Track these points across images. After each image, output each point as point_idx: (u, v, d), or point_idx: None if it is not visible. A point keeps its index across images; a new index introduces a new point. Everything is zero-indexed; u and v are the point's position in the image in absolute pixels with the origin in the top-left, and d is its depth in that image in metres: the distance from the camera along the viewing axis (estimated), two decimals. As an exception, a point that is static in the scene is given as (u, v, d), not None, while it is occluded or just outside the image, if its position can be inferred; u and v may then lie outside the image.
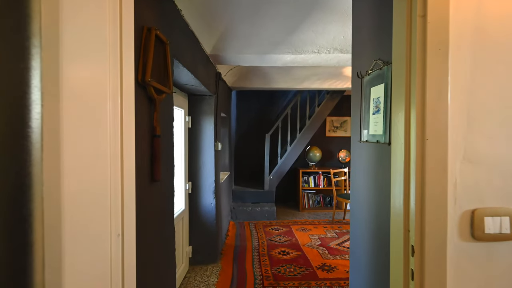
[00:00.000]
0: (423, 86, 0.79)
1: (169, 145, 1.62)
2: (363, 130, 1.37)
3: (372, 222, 1.29)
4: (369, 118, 1.30)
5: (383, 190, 1.17)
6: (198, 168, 3.06)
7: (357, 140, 1.45)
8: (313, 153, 5.68)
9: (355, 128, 1.49)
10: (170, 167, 1.65)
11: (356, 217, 1.53)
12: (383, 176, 1.16)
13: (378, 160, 1.21)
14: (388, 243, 1.15)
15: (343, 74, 4.30)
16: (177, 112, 2.77)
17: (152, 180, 1.32)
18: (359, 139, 1.41)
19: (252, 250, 3.54)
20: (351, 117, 1.57)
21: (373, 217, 1.27)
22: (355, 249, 1.55)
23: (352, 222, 1.60)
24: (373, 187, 1.28)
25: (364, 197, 1.39)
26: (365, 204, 1.38)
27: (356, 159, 1.49)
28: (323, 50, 2.63)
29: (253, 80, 4.49)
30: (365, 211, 1.38)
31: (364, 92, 1.36)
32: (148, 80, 1.17)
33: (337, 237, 4.00)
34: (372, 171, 1.28)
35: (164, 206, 1.55)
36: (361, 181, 1.42)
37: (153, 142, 1.32)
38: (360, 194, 1.44)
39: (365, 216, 1.38)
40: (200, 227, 3.09)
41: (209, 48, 2.61)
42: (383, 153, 1.16)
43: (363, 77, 1.38)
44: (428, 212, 0.79)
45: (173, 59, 1.70)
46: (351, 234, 1.65)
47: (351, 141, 1.56)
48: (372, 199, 1.29)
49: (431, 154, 0.79)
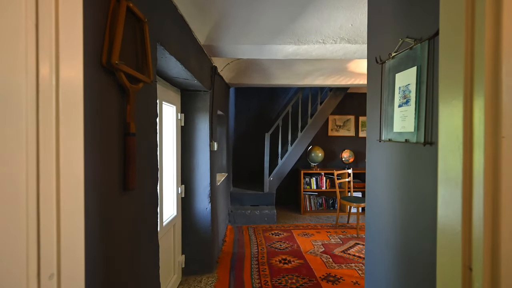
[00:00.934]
0: (496, 62, 0.54)
1: (151, 145, 1.37)
2: (384, 127, 1.12)
3: (398, 240, 1.04)
4: (393, 112, 1.04)
5: (414, 202, 0.92)
6: (191, 170, 2.80)
7: (375, 139, 1.20)
8: (315, 153, 5.43)
9: (373, 125, 1.24)
10: (153, 171, 1.40)
11: (373, 231, 1.28)
12: (416, 184, 0.91)
13: (407, 164, 0.96)
14: (423, 270, 0.90)
15: (347, 70, 4.05)
16: (168, 108, 2.52)
17: (124, 189, 1.07)
18: (379, 138, 1.16)
19: (250, 258, 3.29)
20: (367, 112, 1.32)
21: (399, 235, 1.02)
22: (372, 270, 1.30)
23: (368, 236, 1.35)
24: (398, 197, 1.03)
25: (385, 208, 1.14)
26: (386, 216, 1.13)
27: (374, 162, 1.23)
28: (328, 40, 2.38)
29: (252, 76, 4.23)
30: (387, 225, 1.12)
31: (386, 80, 1.11)
32: (115, 63, 0.92)
33: (342, 243, 3.75)
34: (398, 178, 1.03)
35: (145, 218, 1.30)
36: (381, 188, 1.17)
37: (126, 142, 1.06)
38: (379, 204, 1.19)
39: (387, 231, 1.13)
40: (194, 234, 2.84)
41: (203, 37, 2.36)
42: (416, 155, 0.91)
43: (384, 62, 1.13)
44: (507, 240, 0.54)
45: (157, 44, 1.44)
46: (366, 250, 1.40)
47: (367, 141, 1.31)
48: (397, 212, 1.04)
49: (510, 157, 0.53)
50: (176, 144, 2.63)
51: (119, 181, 1.04)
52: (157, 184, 1.45)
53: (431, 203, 0.82)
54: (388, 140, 1.08)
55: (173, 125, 2.59)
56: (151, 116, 1.38)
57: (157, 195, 1.45)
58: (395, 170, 1.05)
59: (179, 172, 2.70)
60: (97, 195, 0.89)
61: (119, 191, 1.05)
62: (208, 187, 2.85)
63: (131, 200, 1.14)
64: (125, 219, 1.10)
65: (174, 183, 2.59)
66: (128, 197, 1.11)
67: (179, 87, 2.63)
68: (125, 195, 1.09)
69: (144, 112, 1.27)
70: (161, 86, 2.22)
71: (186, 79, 2.27)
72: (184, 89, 2.69)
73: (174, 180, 2.60)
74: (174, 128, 2.59)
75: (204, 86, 2.62)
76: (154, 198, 1.42)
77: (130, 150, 1.07)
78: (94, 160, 0.87)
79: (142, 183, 1.26)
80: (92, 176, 0.85)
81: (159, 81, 2.18)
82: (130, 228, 1.16)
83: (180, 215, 2.75)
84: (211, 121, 2.87)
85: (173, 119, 2.59)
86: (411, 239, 0.93)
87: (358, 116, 5.90)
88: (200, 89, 2.71)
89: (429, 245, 0.86)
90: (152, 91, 1.36)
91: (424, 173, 0.86)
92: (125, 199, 1.10)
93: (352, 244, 3.71)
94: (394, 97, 1.04)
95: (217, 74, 3.18)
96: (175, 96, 2.59)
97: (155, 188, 1.43)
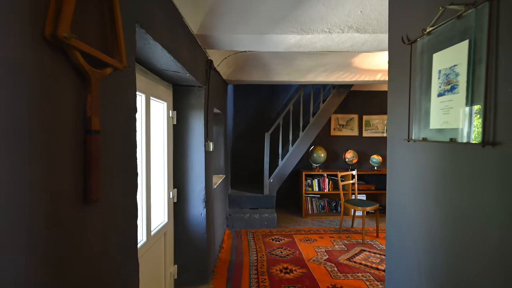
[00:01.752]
0: None
1: (128, 146, 1.14)
2: (416, 124, 0.88)
3: (439, 270, 0.80)
4: (430, 104, 0.81)
5: (467, 224, 0.69)
6: (185, 173, 2.57)
7: (401, 138, 0.97)
8: (317, 154, 5.20)
9: (397, 121, 1.01)
10: (131, 177, 1.17)
11: (396, 249, 1.04)
12: (468, 200, 0.68)
13: (453, 171, 0.73)
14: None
15: (352, 65, 3.82)
16: (157, 105, 2.29)
17: (85, 201, 0.84)
18: (407, 137, 0.93)
19: (249, 267, 3.05)
20: (388, 106, 1.08)
21: (442, 265, 0.79)
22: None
23: (389, 255, 1.12)
24: (438, 214, 0.80)
25: (415, 225, 0.91)
26: (417, 235, 0.90)
27: (399, 166, 1.00)
28: (335, 29, 2.15)
29: (251, 72, 4.00)
30: (417, 245, 0.89)
31: (417, 63, 0.88)
32: (63, 36, 0.69)
33: (347, 250, 3.52)
34: (436, 188, 0.80)
35: (119, 234, 1.06)
36: (409, 199, 0.94)
37: (87, 142, 0.83)
38: (406, 218, 0.96)
39: (418, 254, 0.89)
40: (187, 242, 2.61)
41: (195, 26, 2.13)
42: (468, 159, 0.68)
43: (413, 41, 0.90)
44: None
45: (135, 25, 1.21)
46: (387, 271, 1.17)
47: (388, 141, 1.08)
48: (437, 233, 0.81)
49: None
50: (167, 144, 2.40)
51: (77, 192, 0.81)
52: (136, 192, 1.22)
53: (497, 228, 0.59)
54: (421, 139, 0.85)
55: (164, 123, 2.35)
56: (128, 111, 1.15)
57: (135, 205, 1.22)
58: (431, 178, 0.82)
59: (170, 175, 2.47)
60: (38, 214, 0.66)
61: (78, 205, 0.81)
62: (203, 191, 2.62)
63: (97, 214, 0.91)
64: (89, 239, 0.87)
65: (165, 187, 2.36)
66: (92, 211, 0.88)
67: (171, 82, 2.39)
68: (87, 208, 0.86)
69: (116, 105, 1.04)
70: (149, 80, 1.99)
71: (176, 71, 2.03)
72: (176, 84, 2.46)
73: (165, 183, 2.36)
74: (164, 126, 2.35)
75: (198, 81, 2.39)
76: (132, 209, 1.19)
77: (92, 152, 0.84)
78: (31, 167, 0.64)
79: (114, 192, 1.02)
80: (28, 189, 0.62)
81: (146, 74, 1.95)
82: (98, 249, 0.92)
83: (172, 222, 2.51)
84: (206, 119, 2.64)
85: (163, 116, 2.35)
86: (465, 277, 0.70)
87: (361, 115, 5.67)
88: (194, 84, 2.48)
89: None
90: (127, 80, 1.13)
91: (482, 185, 0.63)
92: (88, 213, 0.86)
93: (357, 251, 3.48)
94: (431, 85, 0.81)
95: (213, 68, 2.95)
96: (166, 91, 2.35)
97: (133, 197, 1.20)
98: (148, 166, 1.96)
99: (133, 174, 1.19)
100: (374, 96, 5.66)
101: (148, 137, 1.96)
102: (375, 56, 3.46)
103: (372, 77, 4.08)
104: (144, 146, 1.91)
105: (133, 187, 1.20)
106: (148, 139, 1.96)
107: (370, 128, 5.68)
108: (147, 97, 1.96)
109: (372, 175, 5.13)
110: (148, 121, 1.96)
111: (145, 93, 1.93)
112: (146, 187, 1.93)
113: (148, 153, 1.95)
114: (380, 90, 5.65)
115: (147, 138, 1.95)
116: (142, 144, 1.91)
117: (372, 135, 5.68)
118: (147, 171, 1.95)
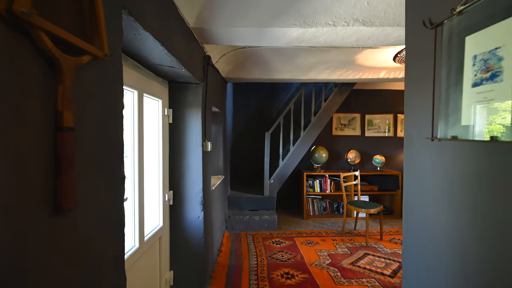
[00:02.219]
0: None
1: (111, 146, 1.02)
2: (443, 120, 0.76)
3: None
4: (461, 95, 0.69)
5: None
6: (181, 174, 2.45)
7: (423, 137, 0.85)
8: (318, 154, 5.08)
9: (417, 118, 0.88)
10: (115, 181, 1.05)
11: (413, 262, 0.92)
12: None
13: (499, 177, 0.60)
14: None
15: (355, 63, 3.70)
16: (152, 102, 2.16)
17: (56, 211, 0.72)
18: (431, 135, 0.81)
19: (249, 272, 2.93)
20: (405, 100, 0.96)
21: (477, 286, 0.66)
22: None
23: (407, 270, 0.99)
24: (470, 225, 0.67)
25: (443, 239, 0.78)
26: (443, 251, 0.78)
27: (419, 169, 0.88)
28: (339, 22, 2.03)
29: (251, 70, 3.88)
30: (445, 265, 0.77)
31: (445, 49, 0.75)
32: (20, 12, 0.56)
33: (350, 253, 3.40)
34: (472, 196, 0.67)
35: (101, 246, 0.94)
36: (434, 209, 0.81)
37: (58, 140, 0.71)
38: (430, 231, 0.83)
39: (446, 275, 0.77)
40: (184, 247, 2.49)
41: (192, 18, 2.00)
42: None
43: (439, 24, 0.77)
44: None
45: (122, 11, 1.09)
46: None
47: (405, 140, 0.95)
48: (471, 249, 0.68)
49: None
50: (163, 144, 2.28)
51: (45, 200, 0.69)
52: (123, 198, 1.10)
53: None
54: (451, 138, 0.72)
55: (159, 122, 2.23)
56: (113, 107, 1.03)
57: (122, 212, 1.09)
58: (463, 184, 0.70)
59: (166, 176, 2.34)
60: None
61: (45, 216, 0.69)
62: (201, 193, 2.49)
63: (70, 226, 0.78)
64: (61, 255, 0.75)
65: (160, 189, 2.24)
66: (64, 222, 0.76)
67: (166, 78, 2.27)
68: (58, 219, 0.74)
69: (97, 99, 0.92)
70: (142, 75, 1.86)
71: (171, 67, 1.91)
72: (172, 80, 2.34)
73: (160, 185, 2.24)
74: (160, 125, 2.23)
75: (196, 78, 2.26)
76: (117, 217, 1.06)
77: (64, 152, 0.72)
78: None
79: (95, 198, 0.90)
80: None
81: (138, 69, 1.82)
82: (74, 266, 0.80)
83: (167, 225, 2.39)
84: (204, 118, 2.51)
85: (158, 115, 2.23)
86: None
87: (364, 114, 5.55)
88: (191, 81, 2.35)
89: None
90: (112, 71, 1.01)
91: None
92: (59, 225, 0.74)
93: (361, 255, 3.35)
94: (463, 73, 0.69)
95: (211, 65, 2.83)
96: (161, 88, 2.23)
97: (119, 203, 1.07)
98: (141, 167, 1.84)
99: (119, 178, 1.07)
100: (377, 94, 5.54)
101: (141, 136, 1.83)
102: (379, 52, 3.34)
103: (376, 75, 3.96)
104: (137, 146, 1.79)
105: (119, 192, 1.07)
106: (141, 138, 1.83)
107: (373, 128, 5.56)
108: (140, 93, 1.83)
109: (375, 175, 5.01)
110: (141, 119, 1.83)
111: (138, 89, 1.81)
112: (139, 190, 1.81)
113: (141, 153, 1.83)
114: (382, 89, 5.53)
115: (140, 137, 1.83)
116: (134, 144, 1.79)
117: (375, 134, 5.55)
118: (140, 173, 1.82)
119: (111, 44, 0.96)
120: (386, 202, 5.23)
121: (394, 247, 3.58)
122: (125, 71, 1.65)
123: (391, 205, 5.14)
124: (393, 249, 3.51)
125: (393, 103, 5.57)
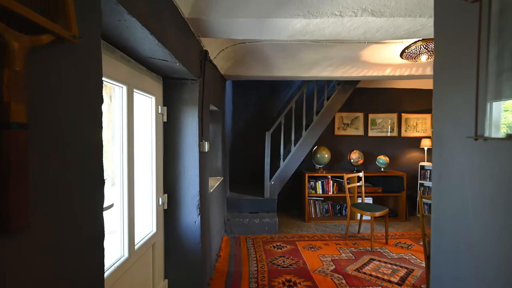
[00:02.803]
0: None
1: (86, 146, 0.86)
2: (488, 115, 0.60)
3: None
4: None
5: None
6: (176, 176, 2.29)
7: (462, 136, 0.69)
8: (320, 154, 4.92)
9: (453, 112, 0.73)
10: (90, 187, 0.89)
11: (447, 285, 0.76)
12: None
13: None
14: None
15: (360, 59, 3.54)
16: (144, 99, 2.01)
17: (2, 231, 0.56)
18: (474, 134, 0.65)
19: (249, 279, 2.78)
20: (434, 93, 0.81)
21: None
22: None
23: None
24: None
25: (491, 270, 0.63)
26: (492, 273, 0.62)
27: (456, 176, 0.72)
28: (347, 12, 1.87)
29: (251, 67, 3.72)
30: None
31: (493, 26, 0.60)
32: None
33: (355, 259, 3.24)
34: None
35: (75, 267, 0.79)
36: (482, 227, 0.66)
37: (3, 141, 0.56)
38: (477, 257, 0.68)
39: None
40: (179, 254, 2.33)
41: (187, 8, 1.85)
42: None
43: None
44: None
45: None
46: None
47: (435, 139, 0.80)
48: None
49: None
50: (156, 144, 2.12)
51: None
52: (101, 205, 0.94)
53: None
54: (504, 137, 0.57)
55: (152, 121, 2.08)
56: (87, 100, 0.87)
57: (101, 223, 0.94)
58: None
59: (160, 178, 2.19)
60: None
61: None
62: (197, 196, 2.34)
63: (24, 248, 0.63)
64: (13, 285, 0.60)
65: (153, 192, 2.08)
66: (15, 243, 0.60)
67: (160, 74, 2.12)
68: (7, 241, 0.58)
69: (66, 90, 0.76)
70: (131, 69, 1.71)
71: (164, 60, 1.76)
72: (166, 76, 2.18)
73: (153, 188, 2.09)
74: (153, 124, 2.08)
75: (192, 73, 2.11)
76: (95, 229, 0.91)
77: (12, 156, 0.56)
78: None
79: (58, 210, 0.75)
80: None
81: (128, 62, 1.67)
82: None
83: (161, 231, 2.24)
84: (201, 117, 2.36)
85: (151, 112, 2.08)
86: None
87: (367, 114, 5.39)
88: (187, 77, 2.20)
89: None
90: (86, 57, 0.85)
91: None
92: (8, 247, 0.59)
93: (366, 260, 3.20)
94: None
95: (209, 60, 2.67)
96: (154, 84, 2.08)
97: (97, 214, 0.92)
98: (131, 169, 1.69)
99: (96, 182, 0.91)
100: (380, 93, 5.39)
101: (130, 135, 1.68)
102: (386, 48, 3.18)
103: (381, 72, 3.80)
104: (126, 146, 1.64)
105: (97, 199, 0.92)
106: (130, 138, 1.68)
107: (376, 127, 5.40)
108: (130, 89, 1.68)
109: (379, 177, 4.85)
110: (130, 117, 1.68)
111: (127, 84, 1.65)
112: (129, 194, 1.66)
113: (130, 154, 1.68)
114: (386, 87, 5.38)
115: (130, 136, 1.67)
116: (123, 144, 1.63)
117: (378, 134, 5.40)
118: (130, 175, 1.67)
119: (83, 25, 0.81)
120: (391, 204, 5.07)
121: (400, 252, 3.43)
122: (112, 63, 1.50)
123: (396, 207, 4.99)
124: (399, 254, 3.36)
125: (397, 102, 5.42)
